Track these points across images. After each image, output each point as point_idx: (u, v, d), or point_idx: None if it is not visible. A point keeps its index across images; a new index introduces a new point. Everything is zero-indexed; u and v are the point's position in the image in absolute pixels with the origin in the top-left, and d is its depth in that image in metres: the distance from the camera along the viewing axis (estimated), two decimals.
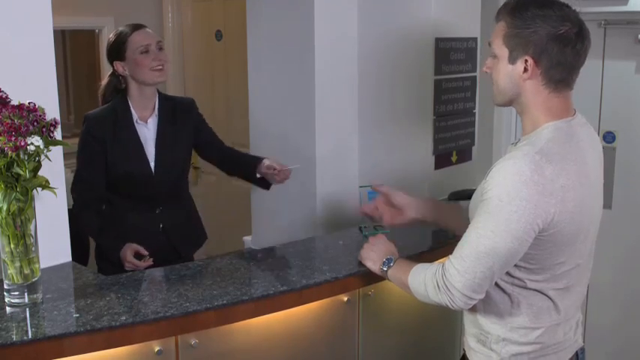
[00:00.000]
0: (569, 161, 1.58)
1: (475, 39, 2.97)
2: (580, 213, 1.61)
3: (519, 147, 1.61)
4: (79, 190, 2.55)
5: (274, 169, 2.59)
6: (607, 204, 3.54)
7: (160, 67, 2.49)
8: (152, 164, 2.56)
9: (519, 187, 1.52)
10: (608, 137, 3.49)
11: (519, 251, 1.58)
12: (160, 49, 2.53)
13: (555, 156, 1.56)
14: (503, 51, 1.64)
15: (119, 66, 2.52)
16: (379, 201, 2.20)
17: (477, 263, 1.59)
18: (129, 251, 2.43)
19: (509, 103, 1.70)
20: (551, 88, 1.63)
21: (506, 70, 1.65)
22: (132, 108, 2.54)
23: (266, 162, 2.62)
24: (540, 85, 1.63)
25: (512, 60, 1.63)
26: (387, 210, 2.18)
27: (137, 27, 2.55)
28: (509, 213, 1.53)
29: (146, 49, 2.48)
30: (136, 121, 2.55)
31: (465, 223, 1.90)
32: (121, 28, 2.56)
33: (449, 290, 1.65)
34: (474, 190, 3.03)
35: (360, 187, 2.50)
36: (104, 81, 2.64)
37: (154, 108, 2.58)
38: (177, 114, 2.63)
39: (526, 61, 1.60)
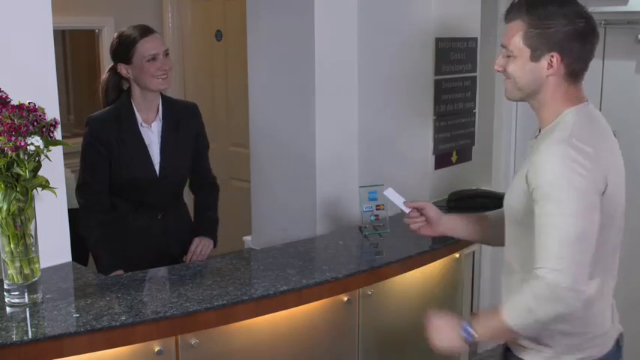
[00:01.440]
0: (599, 138, 1.66)
1: (475, 39, 2.97)
2: (618, 184, 1.67)
3: (548, 135, 1.64)
4: (84, 194, 2.53)
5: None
6: None
7: (165, 75, 2.48)
8: (157, 168, 2.55)
9: (571, 166, 1.54)
10: None
11: (598, 221, 1.58)
12: (167, 55, 2.51)
13: (585, 136, 1.61)
14: (523, 50, 1.66)
15: (123, 68, 2.48)
16: (414, 210, 2.11)
17: (574, 252, 1.53)
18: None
19: (526, 98, 1.73)
20: (570, 81, 1.68)
21: (528, 68, 1.67)
22: (136, 110, 2.53)
23: (192, 246, 2.62)
24: (562, 79, 1.67)
25: (535, 58, 1.66)
26: (419, 219, 2.11)
27: (146, 32, 2.47)
28: (575, 191, 1.54)
29: (154, 57, 2.45)
30: (141, 124, 2.53)
31: (492, 231, 1.91)
32: (128, 31, 2.48)
33: (561, 296, 1.53)
34: (474, 190, 3.04)
35: (361, 187, 2.50)
36: (104, 76, 2.60)
37: (158, 111, 2.56)
38: (180, 120, 2.60)
39: (552, 57, 1.64)
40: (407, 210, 2.11)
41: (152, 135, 2.54)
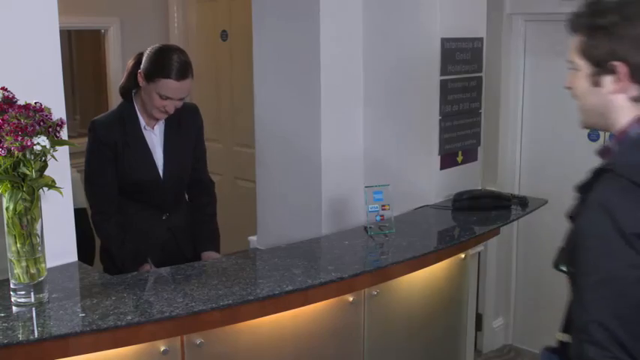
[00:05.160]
0: None
1: (481, 39, 2.96)
2: None
3: None
4: (97, 199, 2.54)
5: None
6: None
7: (165, 114, 2.47)
8: (161, 171, 2.56)
9: None
10: (611, 137, 3.47)
11: None
12: (181, 99, 2.47)
13: None
14: None
15: (140, 78, 2.47)
16: None
17: None
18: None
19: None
20: None
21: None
22: (138, 113, 2.53)
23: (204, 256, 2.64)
24: None
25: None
26: None
27: (181, 75, 2.41)
28: None
29: (167, 97, 2.43)
30: (144, 128, 2.54)
31: None
32: (168, 60, 2.40)
33: None
34: (480, 190, 3.04)
35: (366, 187, 2.50)
36: (131, 61, 2.54)
37: None
38: (181, 120, 2.61)
39: None
40: None
41: (155, 138, 2.56)
